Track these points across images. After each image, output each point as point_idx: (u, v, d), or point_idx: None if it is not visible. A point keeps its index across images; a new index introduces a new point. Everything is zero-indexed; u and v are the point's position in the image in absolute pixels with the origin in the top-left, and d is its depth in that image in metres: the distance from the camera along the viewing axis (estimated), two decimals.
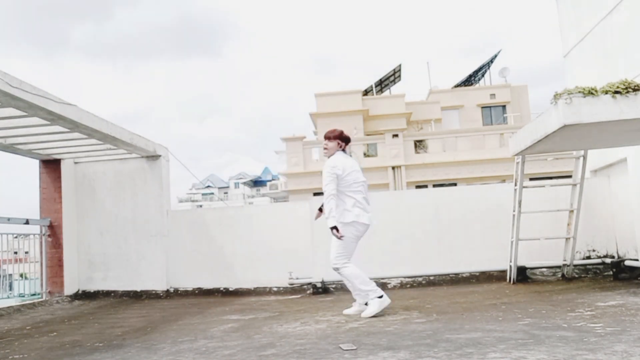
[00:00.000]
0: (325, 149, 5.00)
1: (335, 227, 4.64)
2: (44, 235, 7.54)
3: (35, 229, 7.52)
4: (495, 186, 8.06)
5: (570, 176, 6.67)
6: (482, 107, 30.51)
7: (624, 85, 4.31)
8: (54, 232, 7.57)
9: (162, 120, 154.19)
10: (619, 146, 5.97)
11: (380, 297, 4.69)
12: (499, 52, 32.45)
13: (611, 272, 6.48)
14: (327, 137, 5.02)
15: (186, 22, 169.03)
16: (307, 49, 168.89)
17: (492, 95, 30.41)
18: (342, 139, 5.01)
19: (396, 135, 25.37)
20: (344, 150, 5.02)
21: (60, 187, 7.62)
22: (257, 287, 7.30)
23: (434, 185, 23.32)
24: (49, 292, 7.48)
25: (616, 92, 4.26)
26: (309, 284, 7.01)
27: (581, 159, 6.31)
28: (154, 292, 7.50)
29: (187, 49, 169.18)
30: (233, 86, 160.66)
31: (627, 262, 6.35)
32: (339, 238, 4.66)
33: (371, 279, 7.01)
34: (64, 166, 7.71)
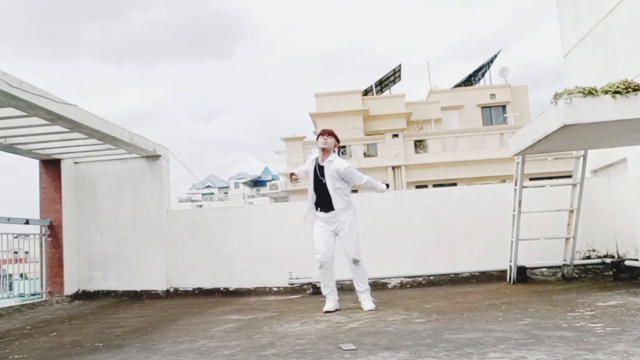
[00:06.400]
0: (325, 142, 5.14)
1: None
2: (44, 235, 7.53)
3: (35, 229, 7.51)
4: (495, 186, 8.05)
5: (570, 176, 6.66)
6: (482, 107, 30.50)
7: (624, 85, 4.29)
8: (54, 232, 7.56)
9: (171, 120, 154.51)
10: (619, 146, 5.95)
11: None
12: (499, 52, 32.46)
13: (611, 272, 6.47)
14: (329, 134, 5.17)
15: (197, 23, 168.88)
16: (310, 49, 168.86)
17: (492, 95, 30.40)
18: (338, 141, 5.29)
19: (396, 135, 25.37)
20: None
21: (60, 187, 7.60)
22: (257, 287, 7.29)
23: (434, 185, 23.31)
24: (49, 292, 7.47)
25: (616, 92, 4.25)
26: (309, 284, 7.00)
27: (581, 159, 6.29)
28: (154, 292, 7.50)
29: (197, 49, 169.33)
30: (241, 86, 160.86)
31: (627, 262, 6.33)
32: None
33: (371, 279, 7.06)
34: (64, 166, 7.70)
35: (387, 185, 5.42)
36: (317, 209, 5.17)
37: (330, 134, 5.18)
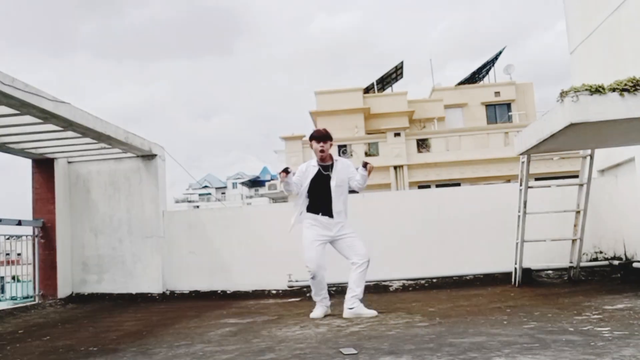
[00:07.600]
0: (323, 151, 5.00)
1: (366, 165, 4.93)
2: (36, 236, 7.45)
3: (27, 230, 7.43)
4: (499, 186, 7.99)
5: (576, 176, 6.59)
6: (487, 105, 30.38)
7: (632, 82, 4.30)
8: (47, 234, 7.47)
9: (169, 118, 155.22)
10: (627, 145, 5.91)
11: None
12: (503, 49, 32.37)
13: (619, 275, 6.41)
14: (329, 138, 5.07)
15: (196, 20, 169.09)
16: (311, 47, 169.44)
17: (497, 93, 30.27)
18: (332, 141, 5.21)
19: (398, 134, 25.25)
20: None
21: (53, 187, 7.52)
22: (255, 290, 7.22)
23: (437, 186, 23.19)
24: (42, 295, 7.37)
25: (624, 90, 4.28)
26: (309, 286, 6.89)
27: (588, 158, 6.23)
28: (149, 294, 7.41)
29: (197, 46, 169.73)
30: (240, 84, 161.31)
31: (635, 264, 6.26)
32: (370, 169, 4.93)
33: (373, 281, 6.96)
34: (57, 166, 7.62)
35: (365, 165, 5.01)
36: (319, 214, 5.01)
37: (330, 138, 5.07)
